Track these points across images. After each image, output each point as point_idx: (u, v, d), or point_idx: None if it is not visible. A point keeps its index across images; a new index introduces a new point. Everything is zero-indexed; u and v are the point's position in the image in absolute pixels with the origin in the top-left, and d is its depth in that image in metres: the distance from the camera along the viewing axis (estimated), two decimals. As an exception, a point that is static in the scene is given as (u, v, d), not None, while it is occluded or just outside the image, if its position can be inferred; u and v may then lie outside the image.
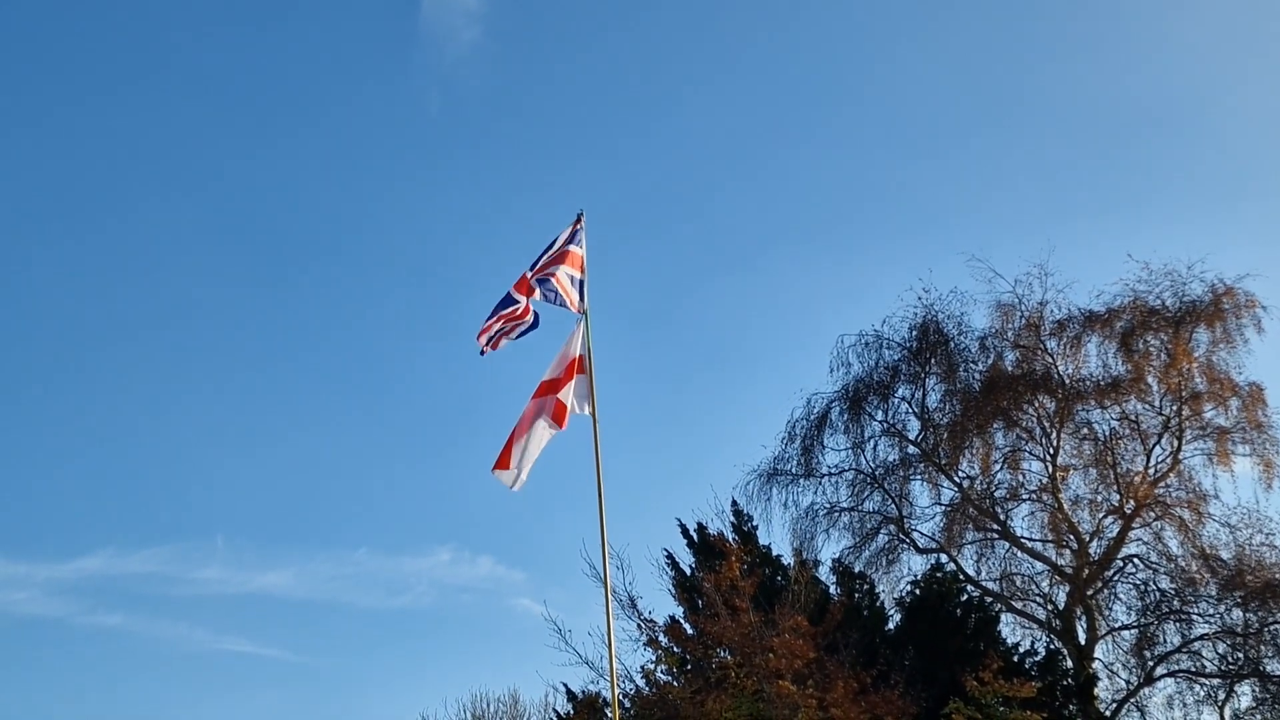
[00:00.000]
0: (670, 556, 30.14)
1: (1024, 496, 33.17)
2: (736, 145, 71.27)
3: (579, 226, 17.83)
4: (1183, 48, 68.04)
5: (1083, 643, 30.82)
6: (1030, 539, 32.78)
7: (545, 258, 17.46)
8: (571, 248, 17.66)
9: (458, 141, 73.78)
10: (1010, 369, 32.94)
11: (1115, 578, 31.83)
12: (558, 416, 16.74)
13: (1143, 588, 31.32)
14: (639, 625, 28.06)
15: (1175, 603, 30.65)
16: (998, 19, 71.72)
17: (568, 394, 16.85)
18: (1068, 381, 32.31)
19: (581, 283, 17.55)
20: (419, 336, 70.87)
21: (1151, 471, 31.95)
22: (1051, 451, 32.47)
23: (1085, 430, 32.73)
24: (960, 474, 33.25)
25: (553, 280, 17.43)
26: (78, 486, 66.93)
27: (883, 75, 71.47)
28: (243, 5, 71.18)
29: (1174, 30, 68.42)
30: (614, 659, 17.66)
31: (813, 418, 33.78)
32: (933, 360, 33.36)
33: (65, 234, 69.44)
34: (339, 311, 71.15)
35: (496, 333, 17.18)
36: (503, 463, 16.87)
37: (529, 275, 17.30)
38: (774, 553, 30.71)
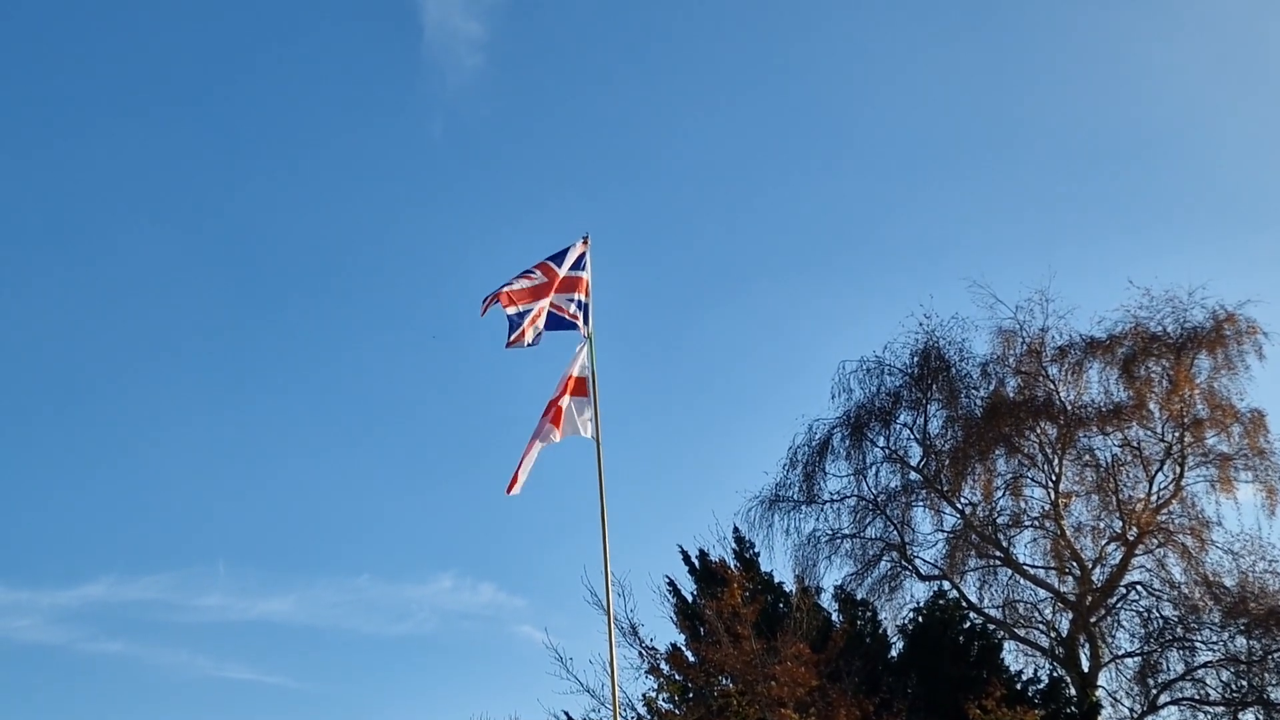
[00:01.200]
0: (672, 583, 30.04)
1: (1026, 523, 33.09)
2: (738, 171, 71.32)
3: (584, 250, 17.80)
4: (1184, 75, 68.21)
5: (1086, 670, 30.70)
6: (1033, 566, 32.73)
7: (560, 280, 17.39)
8: (576, 272, 17.62)
9: (460, 168, 73.86)
10: (1012, 395, 32.92)
11: (1118, 605, 31.73)
12: (554, 421, 16.64)
13: (1146, 615, 31.22)
14: (640, 653, 27.95)
15: (1179, 630, 30.55)
16: (998, 47, 71.93)
17: (567, 406, 16.76)
18: (1069, 408, 32.28)
19: (586, 306, 17.50)
20: (421, 362, 70.82)
21: (1154, 498, 31.89)
22: (1054, 478, 32.42)
23: (1087, 457, 32.68)
24: (962, 500, 33.20)
25: (559, 312, 17.39)
26: (80, 513, 66.79)
27: (883, 102, 71.53)
28: (244, 33, 71.32)
29: (1174, 58, 68.59)
30: (616, 687, 17.57)
31: (814, 444, 33.75)
32: (934, 386, 33.33)
33: (65, 260, 69.50)
34: (341, 337, 71.13)
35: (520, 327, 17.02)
36: (513, 485, 16.76)
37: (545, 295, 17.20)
38: (776, 580, 30.60)
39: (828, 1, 72.30)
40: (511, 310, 17.02)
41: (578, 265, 17.67)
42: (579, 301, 17.47)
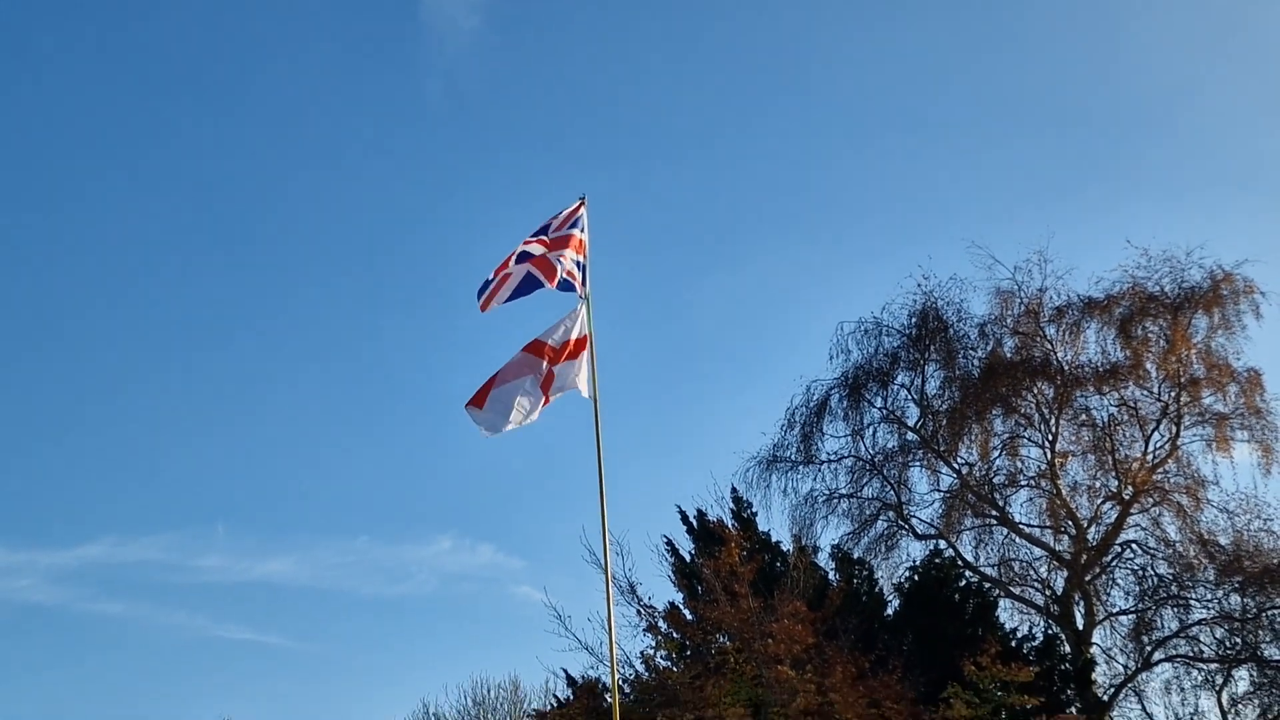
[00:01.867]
0: (670, 543, 30.24)
1: (1022, 483, 33.25)
2: (737, 136, 71.26)
3: (581, 210, 17.80)
4: (1180, 37, 68.02)
5: (1080, 628, 30.92)
6: (1028, 525, 32.90)
7: (551, 238, 17.37)
8: (573, 232, 17.60)
9: (458, 130, 73.76)
10: (1009, 355, 32.99)
11: (1113, 563, 31.91)
12: (545, 387, 16.61)
13: (1141, 573, 31.41)
14: (639, 611, 28.16)
15: (1173, 588, 30.74)
16: (997, 10, 71.71)
17: (564, 373, 16.75)
18: (1066, 368, 32.36)
19: (584, 267, 17.50)
20: (419, 325, 70.93)
21: (1150, 457, 32.02)
22: (1050, 438, 32.54)
23: (1084, 416, 32.79)
24: (959, 460, 33.33)
25: (560, 267, 17.36)
26: (80, 474, 67.07)
27: (883, 66, 71.43)
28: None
29: (1170, 20, 68.42)
30: (614, 644, 17.71)
31: (812, 405, 33.87)
32: (932, 347, 33.39)
33: (63, 220, 69.50)
34: (339, 301, 71.22)
35: (491, 287, 17.01)
36: (478, 400, 16.65)
37: (543, 251, 17.17)
38: (773, 539, 30.83)
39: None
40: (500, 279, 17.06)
41: (573, 225, 17.65)
42: (577, 262, 17.47)
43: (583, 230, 17.66)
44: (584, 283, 17.42)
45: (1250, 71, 65.29)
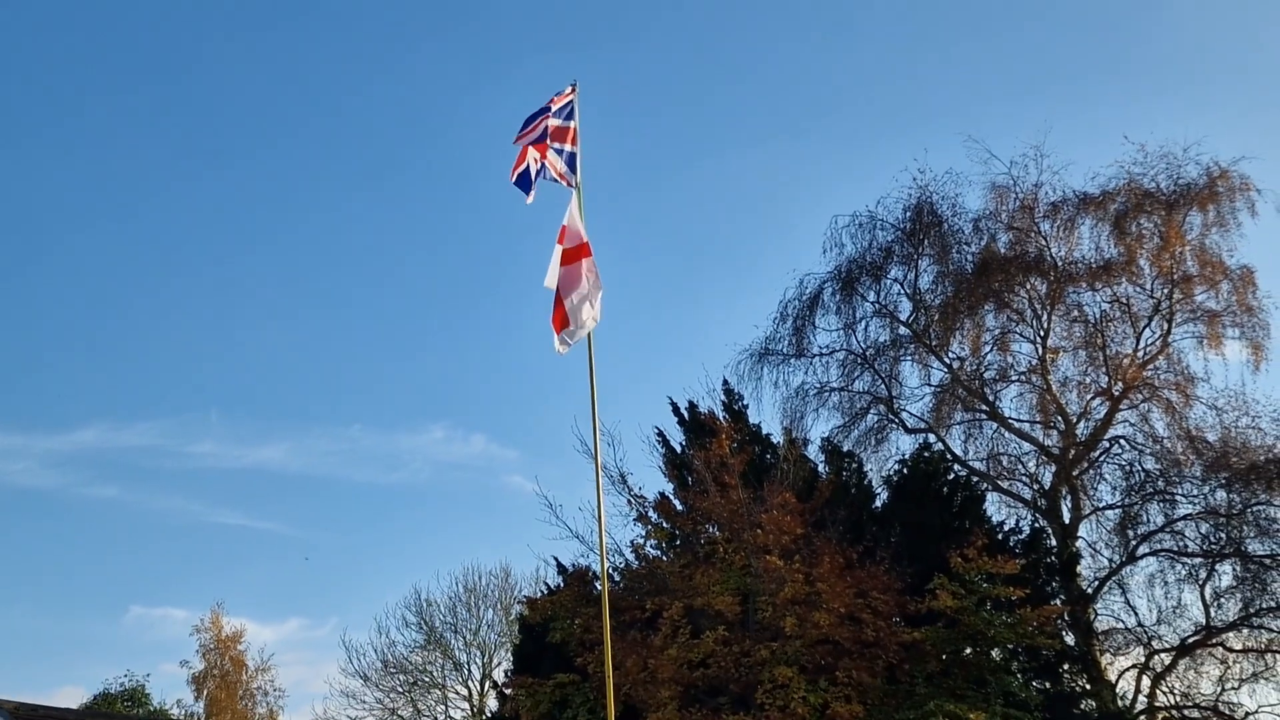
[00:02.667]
0: (661, 434, 30.40)
1: (1013, 378, 33.36)
2: (735, 29, 70.41)
3: (572, 97, 17.56)
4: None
5: (1067, 522, 31.20)
6: (1018, 420, 33.08)
7: (538, 130, 17.16)
8: (560, 121, 17.36)
9: (449, 17, 72.77)
10: (1003, 251, 32.86)
11: (1101, 458, 32.10)
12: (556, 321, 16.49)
13: (1128, 468, 31.59)
14: (629, 501, 28.44)
15: (1160, 483, 30.91)
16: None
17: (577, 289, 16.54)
18: (1060, 264, 32.26)
19: (573, 156, 17.32)
20: (414, 214, 70.60)
21: (1140, 354, 32.07)
22: (1042, 333, 32.57)
23: (1076, 312, 32.78)
24: (950, 355, 33.41)
25: (544, 161, 17.17)
26: (74, 360, 67.26)
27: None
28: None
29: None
30: (604, 533, 17.86)
31: (805, 298, 33.77)
32: (926, 241, 33.24)
33: (70, 128, 68.76)
34: (336, 188, 70.84)
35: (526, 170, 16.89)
36: (558, 323, 16.52)
37: (532, 144, 16.98)
38: (764, 431, 30.97)
39: None
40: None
41: (564, 113, 17.42)
42: (567, 153, 17.27)
43: (573, 118, 17.45)
44: (574, 171, 17.26)
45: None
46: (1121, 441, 31.92)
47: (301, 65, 72.04)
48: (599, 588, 26.72)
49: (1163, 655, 30.17)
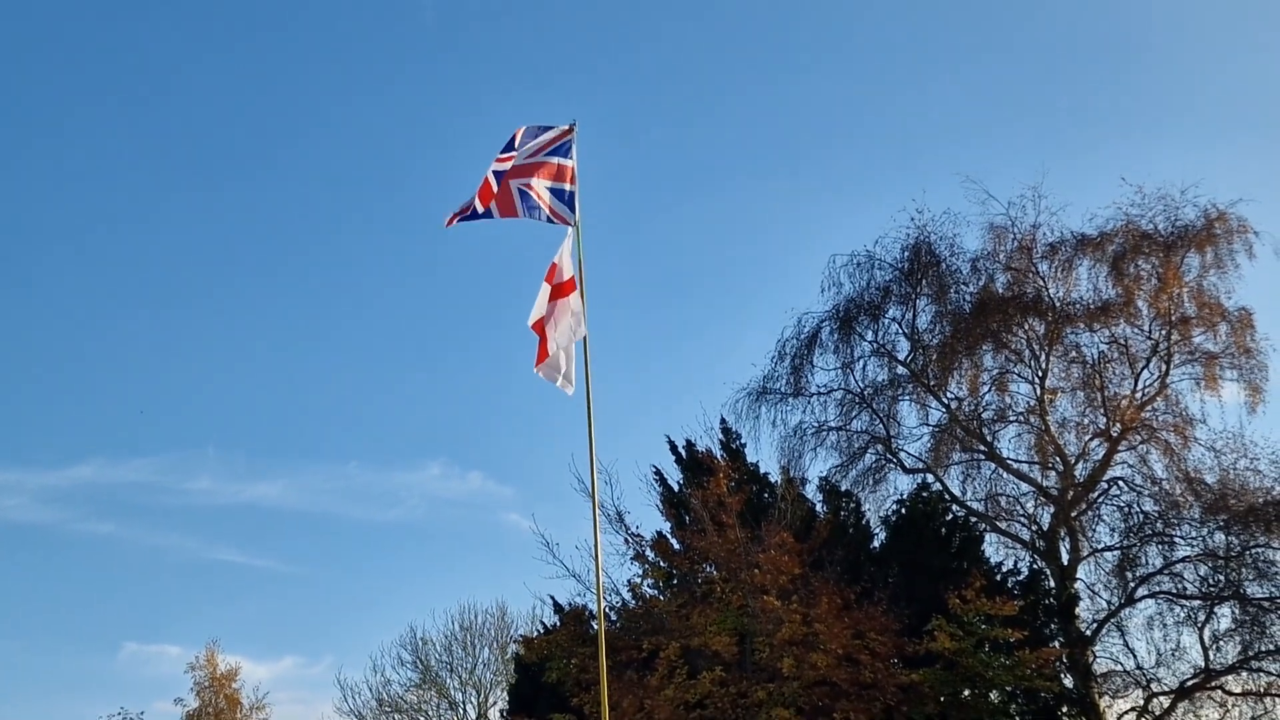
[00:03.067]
0: (659, 473, 30.35)
1: (1011, 418, 33.27)
2: (734, 63, 70.75)
3: (571, 136, 17.52)
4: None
5: (1065, 563, 31.06)
6: (1016, 460, 32.95)
7: (524, 161, 17.07)
8: (559, 159, 17.32)
9: (451, 50, 73.11)
10: (1001, 291, 32.87)
11: (1099, 500, 32.00)
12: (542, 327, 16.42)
13: (1126, 510, 31.49)
14: (626, 540, 28.36)
15: (1158, 525, 30.83)
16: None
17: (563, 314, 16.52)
18: (1058, 304, 32.29)
19: (571, 195, 17.28)
20: (410, 249, 70.70)
21: (1139, 395, 32.03)
22: (1040, 374, 32.54)
23: (1074, 353, 32.75)
24: (948, 395, 33.33)
25: (531, 194, 17.11)
26: (71, 395, 67.09)
27: (882, 1, 70.78)
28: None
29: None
30: (600, 572, 17.79)
31: (803, 337, 33.78)
32: (924, 281, 33.26)
33: (64, 146, 68.95)
34: (330, 222, 70.97)
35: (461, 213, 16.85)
36: (541, 355, 16.41)
37: (505, 176, 16.88)
38: (762, 471, 30.93)
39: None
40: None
41: (560, 151, 17.36)
42: (566, 192, 17.24)
43: (571, 156, 17.41)
44: (573, 210, 17.24)
45: (1254, 14, 64.79)
46: (1120, 483, 31.84)
47: (298, 100, 72.30)
48: (595, 627, 26.60)
49: (1161, 698, 29.99)
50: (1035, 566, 30.91)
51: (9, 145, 68.29)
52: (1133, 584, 30.70)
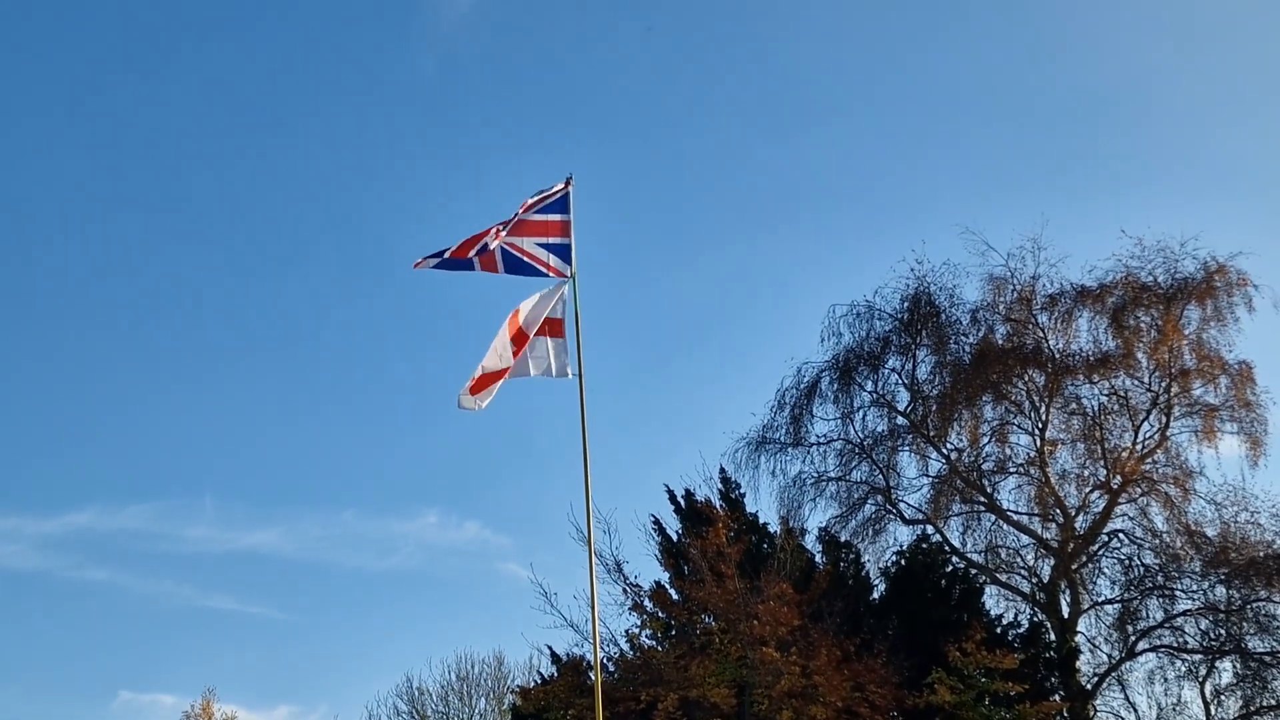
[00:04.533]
0: (657, 522, 30.21)
1: (1011, 469, 33.22)
2: (734, 117, 71.07)
3: (568, 190, 17.65)
4: (1183, 35, 67.91)
5: (1066, 616, 30.95)
6: (1016, 512, 32.89)
7: (513, 223, 17.21)
8: (554, 215, 17.45)
9: (450, 106, 73.52)
10: (1001, 342, 32.91)
11: (1100, 552, 31.92)
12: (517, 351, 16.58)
13: (1127, 563, 31.44)
14: (624, 590, 28.20)
15: (1159, 578, 30.76)
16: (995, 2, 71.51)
17: (540, 350, 16.74)
18: (1058, 356, 32.32)
19: (567, 248, 17.39)
20: (408, 301, 70.86)
21: (1139, 447, 32.00)
22: (1040, 425, 32.52)
23: (1074, 405, 32.75)
24: (948, 446, 33.28)
25: (515, 253, 17.24)
26: (67, 442, 66.98)
27: (871, 47, 71.26)
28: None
29: (1172, 17, 68.33)
30: (598, 622, 17.70)
31: (802, 387, 33.80)
32: (924, 332, 33.32)
33: (45, 199, 69.35)
34: (328, 274, 71.12)
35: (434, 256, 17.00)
36: (476, 387, 16.57)
37: (498, 236, 17.02)
38: (761, 521, 30.81)
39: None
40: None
41: (557, 207, 17.50)
42: (555, 245, 17.35)
43: (568, 211, 17.54)
44: (568, 263, 17.35)
45: (1256, 73, 65.25)
46: (1120, 535, 31.78)
47: (298, 156, 72.62)
48: (593, 678, 26.44)
49: (1163, 753, 29.82)
50: (1035, 619, 30.80)
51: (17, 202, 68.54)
52: (1134, 637, 30.60)
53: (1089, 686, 30.09)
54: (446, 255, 16.98)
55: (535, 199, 17.47)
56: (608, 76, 72.97)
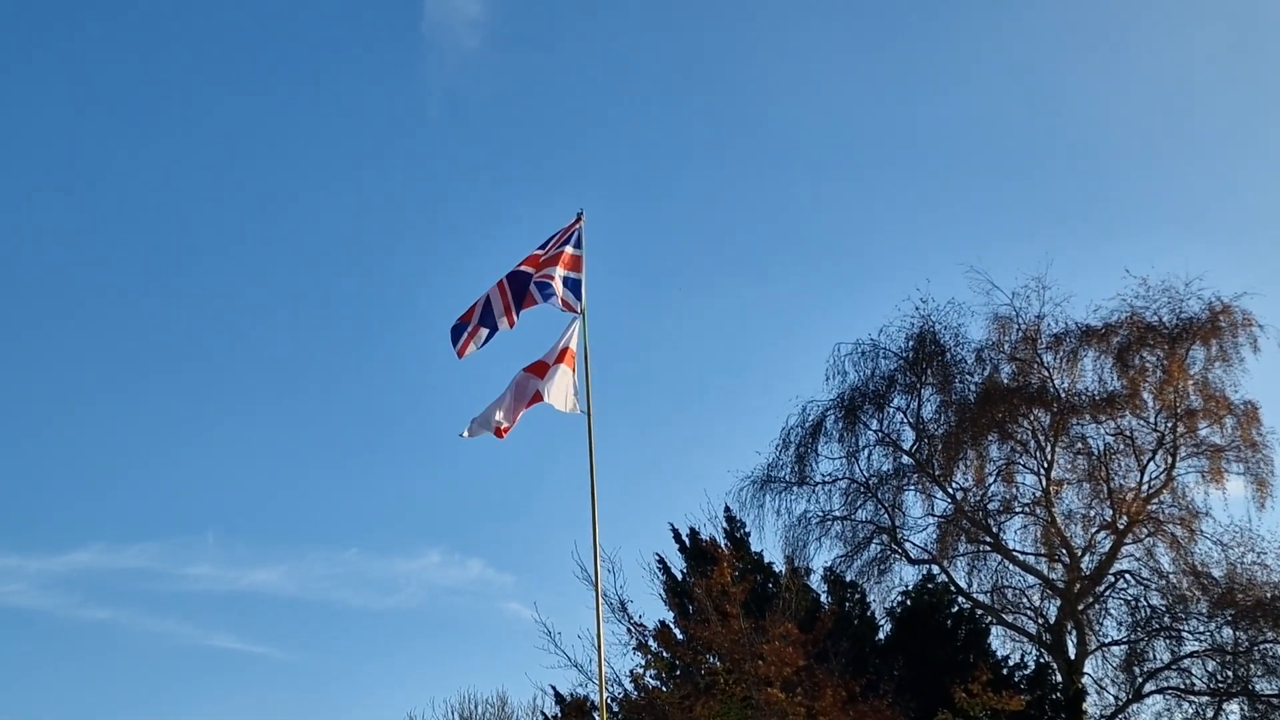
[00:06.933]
0: (662, 561, 30.12)
1: (1017, 509, 33.14)
2: (737, 152, 71.25)
3: (578, 225, 17.75)
4: (1188, 69, 68.17)
5: (1072, 657, 30.80)
6: (1022, 552, 32.78)
7: (543, 257, 17.32)
8: (567, 249, 17.55)
9: (457, 148, 73.79)
10: (1006, 381, 32.89)
11: (1106, 593, 31.81)
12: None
13: (1134, 604, 31.32)
14: (629, 629, 28.03)
15: (1166, 619, 30.64)
16: (1000, 43, 71.82)
17: (550, 380, 16.80)
18: (1063, 395, 32.27)
19: (578, 283, 17.46)
20: (413, 340, 70.84)
21: (1145, 488, 31.91)
22: (1045, 465, 32.44)
23: (1079, 445, 32.69)
24: (954, 485, 33.22)
25: (551, 284, 17.30)
26: (70, 480, 66.88)
27: (883, 91, 71.52)
28: (244, 9, 71.16)
29: (1180, 55, 68.59)
30: (603, 662, 17.63)
31: (807, 426, 33.74)
32: (929, 371, 33.33)
33: (55, 222, 69.49)
34: (334, 313, 71.13)
35: (468, 334, 17.15)
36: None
37: (530, 277, 17.15)
38: (766, 560, 30.71)
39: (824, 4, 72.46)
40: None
41: (569, 242, 17.59)
42: (568, 279, 17.42)
43: (579, 246, 17.63)
44: (579, 298, 17.41)
45: (1264, 109, 65.46)
46: (1127, 576, 31.68)
47: (316, 185, 72.88)
48: (597, 718, 26.29)
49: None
50: (1042, 660, 30.64)
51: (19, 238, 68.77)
52: (1140, 679, 30.44)
53: (1096, 728, 29.92)
54: (469, 329, 17.12)
55: (557, 235, 17.59)
56: (609, 118, 73.14)
